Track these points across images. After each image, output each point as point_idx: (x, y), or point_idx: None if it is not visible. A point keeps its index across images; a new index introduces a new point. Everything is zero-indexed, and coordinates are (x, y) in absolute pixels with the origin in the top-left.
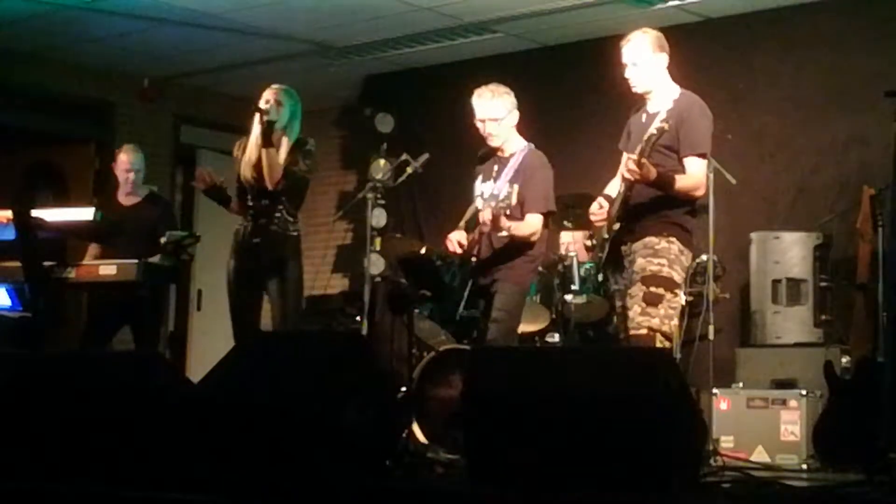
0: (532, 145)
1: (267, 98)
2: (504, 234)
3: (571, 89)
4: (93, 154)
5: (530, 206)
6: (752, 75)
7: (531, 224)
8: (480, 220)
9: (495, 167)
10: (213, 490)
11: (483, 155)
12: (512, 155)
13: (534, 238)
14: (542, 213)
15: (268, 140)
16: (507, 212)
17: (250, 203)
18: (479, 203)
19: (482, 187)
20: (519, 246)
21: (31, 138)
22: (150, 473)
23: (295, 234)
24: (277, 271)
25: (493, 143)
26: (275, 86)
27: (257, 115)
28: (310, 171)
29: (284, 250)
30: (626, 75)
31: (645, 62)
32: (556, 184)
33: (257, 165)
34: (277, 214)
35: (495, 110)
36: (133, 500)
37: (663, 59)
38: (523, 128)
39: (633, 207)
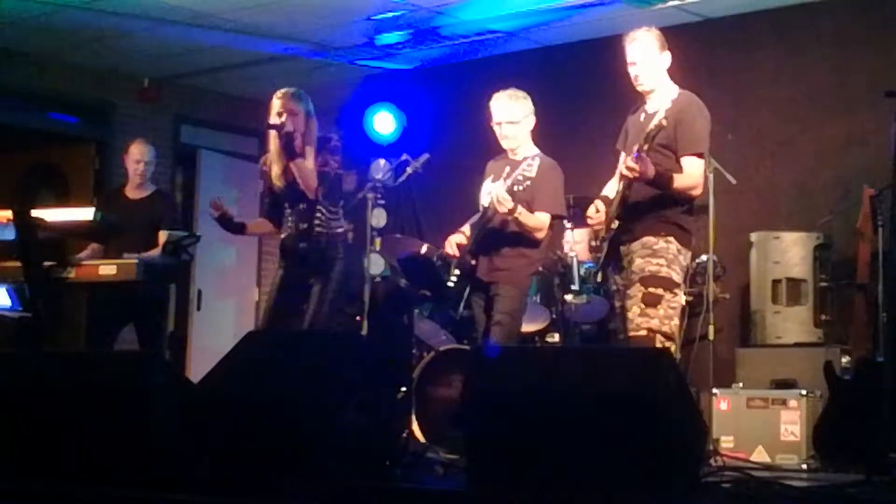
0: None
1: (278, 110)
2: (515, 215)
3: (571, 89)
4: (93, 154)
5: (540, 205)
6: (752, 75)
7: (539, 219)
8: (493, 198)
9: (507, 168)
10: (214, 490)
11: (494, 160)
12: (525, 158)
13: (539, 235)
14: (551, 214)
15: (292, 152)
16: (528, 183)
17: (288, 210)
18: (485, 202)
19: (492, 187)
20: (521, 240)
21: (31, 138)
22: (149, 473)
23: (340, 230)
24: (324, 272)
25: (507, 144)
26: (281, 92)
27: (272, 132)
28: (341, 165)
29: (333, 250)
30: (632, 73)
31: (651, 60)
32: None
33: (286, 175)
34: (318, 215)
35: (513, 113)
36: (133, 499)
37: (667, 57)
38: None
39: (631, 207)
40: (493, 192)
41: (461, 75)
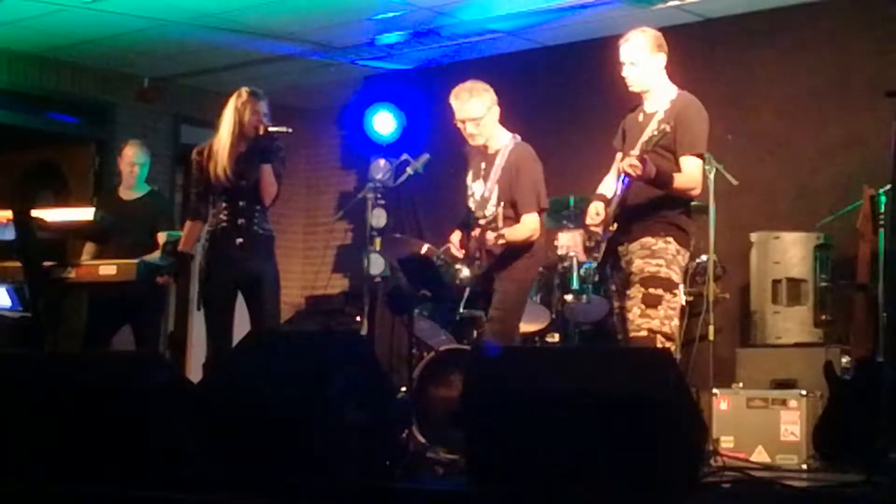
0: (518, 137)
1: (256, 110)
2: (502, 242)
3: (571, 89)
4: (93, 154)
5: (523, 207)
6: (752, 75)
7: (527, 225)
8: (475, 239)
9: (482, 164)
10: (214, 490)
11: (469, 151)
12: (497, 151)
13: (532, 238)
14: (538, 211)
15: (271, 156)
16: (499, 225)
17: (223, 204)
18: (471, 203)
19: (473, 186)
20: (519, 249)
21: (31, 138)
22: (150, 473)
23: (272, 233)
24: (259, 271)
25: (474, 142)
26: (245, 92)
27: (258, 131)
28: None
29: (266, 250)
30: (623, 74)
31: (642, 61)
32: (554, 184)
33: (235, 169)
34: (256, 215)
35: (474, 109)
36: (133, 500)
37: (661, 58)
38: (523, 128)
39: (630, 208)
40: (472, 196)
41: (461, 75)
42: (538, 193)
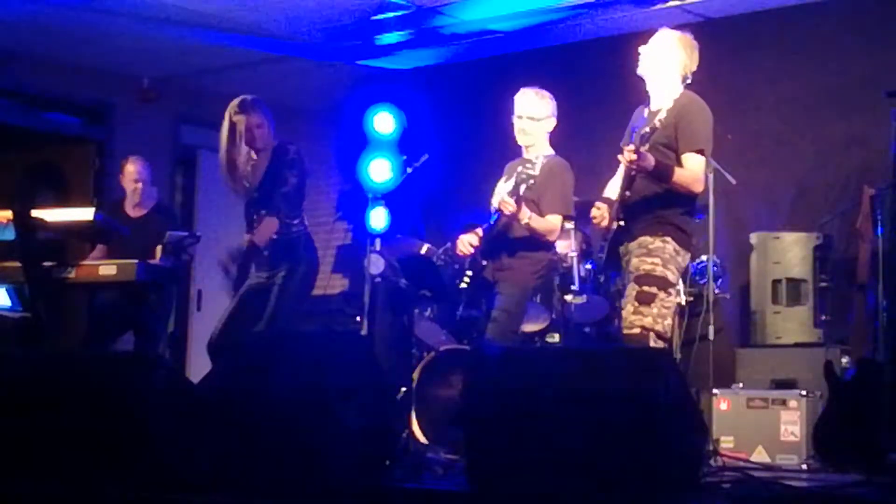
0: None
1: (242, 127)
2: (525, 221)
3: (571, 90)
4: (93, 154)
5: (549, 207)
6: (752, 75)
7: (550, 222)
8: (498, 201)
9: (519, 168)
10: (214, 490)
11: (509, 166)
12: (536, 158)
13: (551, 237)
14: (562, 216)
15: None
16: (532, 181)
17: (255, 217)
18: (493, 201)
19: (504, 187)
20: (529, 241)
21: (31, 138)
22: (150, 474)
23: (301, 231)
24: (284, 274)
25: (523, 140)
26: (237, 104)
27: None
28: (301, 177)
29: (292, 253)
30: (640, 51)
31: (658, 52)
32: None
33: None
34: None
35: (536, 110)
36: (133, 500)
37: (680, 57)
38: None
39: (631, 207)
40: (497, 195)
41: (461, 75)
42: (565, 199)
